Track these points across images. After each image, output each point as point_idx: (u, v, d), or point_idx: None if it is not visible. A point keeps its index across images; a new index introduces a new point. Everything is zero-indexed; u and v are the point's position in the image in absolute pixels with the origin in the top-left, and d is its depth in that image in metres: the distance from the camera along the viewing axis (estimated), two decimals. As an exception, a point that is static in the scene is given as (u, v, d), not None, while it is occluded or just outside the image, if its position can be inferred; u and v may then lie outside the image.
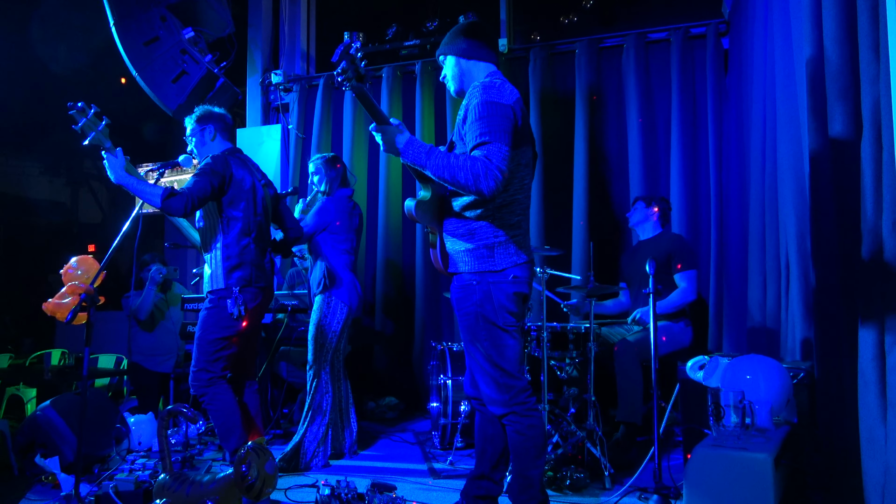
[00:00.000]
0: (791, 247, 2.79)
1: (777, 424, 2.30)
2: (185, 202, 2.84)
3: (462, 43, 2.39)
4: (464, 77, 2.42)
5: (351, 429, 3.76)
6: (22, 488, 3.25)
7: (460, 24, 2.46)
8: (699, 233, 4.64)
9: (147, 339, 4.59)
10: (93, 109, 2.86)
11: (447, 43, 2.43)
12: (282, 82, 5.91)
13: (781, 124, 2.97)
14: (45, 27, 6.28)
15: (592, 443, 3.22)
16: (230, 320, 2.96)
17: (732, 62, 4.51)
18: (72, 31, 6.26)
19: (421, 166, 2.24)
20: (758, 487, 1.94)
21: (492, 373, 2.28)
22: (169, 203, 2.81)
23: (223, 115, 3.24)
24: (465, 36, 2.39)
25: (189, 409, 2.41)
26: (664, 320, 3.70)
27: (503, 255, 2.28)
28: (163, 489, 2.34)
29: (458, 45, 2.40)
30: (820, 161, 2.38)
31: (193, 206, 2.87)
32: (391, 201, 5.42)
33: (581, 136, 4.84)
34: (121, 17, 4.36)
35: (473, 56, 2.38)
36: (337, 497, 2.66)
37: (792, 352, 2.85)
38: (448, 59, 2.44)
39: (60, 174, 10.15)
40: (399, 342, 5.38)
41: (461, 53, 2.39)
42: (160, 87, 4.43)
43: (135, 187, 2.86)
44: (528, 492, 2.28)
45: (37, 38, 6.22)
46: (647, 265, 2.83)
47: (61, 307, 2.78)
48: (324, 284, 3.57)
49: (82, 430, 2.71)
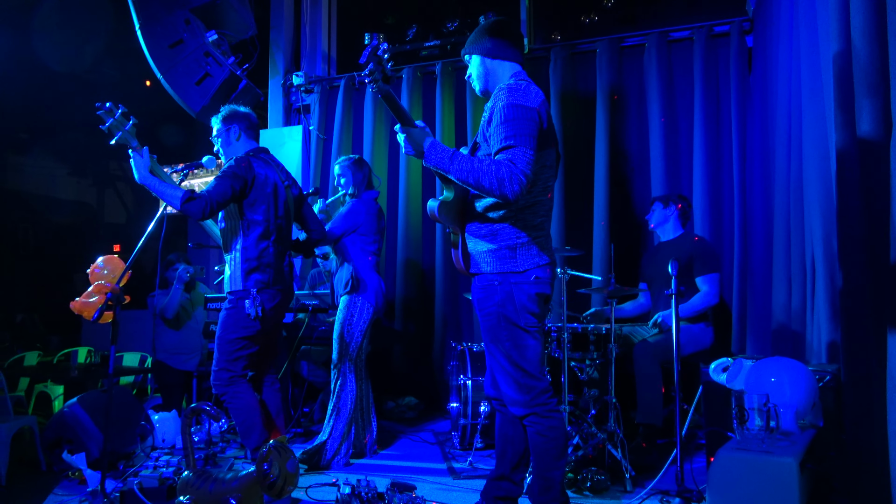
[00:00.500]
0: (817, 248, 2.74)
1: (802, 428, 2.27)
2: (204, 206, 2.86)
3: (487, 42, 2.38)
4: (489, 76, 2.41)
5: (371, 428, 3.78)
6: (50, 483, 3.31)
7: (486, 21, 2.43)
8: (722, 233, 4.58)
9: (172, 338, 4.66)
10: (120, 109, 2.92)
11: (472, 42, 2.43)
12: (303, 84, 5.95)
13: (807, 123, 2.93)
14: (72, 30, 6.39)
15: (613, 445, 3.20)
16: (249, 321, 2.99)
17: (757, 61, 4.45)
18: (98, 34, 6.37)
19: (444, 170, 2.23)
20: (783, 492, 1.91)
21: (513, 373, 2.28)
22: (188, 206, 2.84)
23: (248, 114, 3.26)
24: (491, 35, 2.38)
25: (212, 407, 2.44)
26: (683, 323, 3.66)
27: (525, 256, 2.28)
28: (186, 486, 2.37)
29: (483, 44, 2.39)
30: (847, 160, 2.33)
31: (212, 209, 2.89)
32: (411, 202, 5.43)
33: (602, 136, 4.81)
34: (146, 21, 4.43)
35: (499, 56, 2.38)
36: (357, 496, 2.67)
37: (817, 354, 2.80)
38: (473, 58, 2.44)
39: (87, 175, 10.34)
40: (419, 342, 5.39)
41: (486, 53, 2.39)
42: (184, 89, 4.49)
43: (156, 188, 2.89)
44: (548, 493, 2.28)
45: (62, 39, 6.33)
46: (670, 266, 2.81)
47: (88, 306, 2.83)
48: (351, 285, 3.60)
49: (108, 427, 2.76)
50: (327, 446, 3.53)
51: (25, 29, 6.01)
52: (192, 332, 4.73)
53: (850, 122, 2.29)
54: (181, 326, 4.67)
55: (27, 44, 6.11)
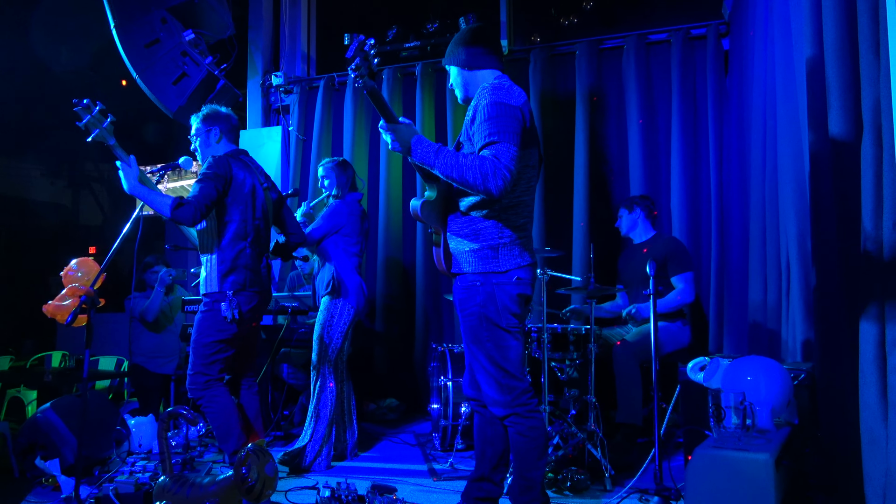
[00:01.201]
0: (791, 247, 2.78)
1: (778, 426, 2.30)
2: (194, 212, 2.85)
3: (462, 53, 2.40)
4: (468, 86, 2.43)
5: (352, 430, 3.77)
6: (22, 490, 3.25)
7: (462, 31, 2.44)
8: (700, 233, 4.64)
9: (150, 341, 4.58)
10: (98, 107, 2.88)
11: (450, 53, 2.45)
12: (282, 84, 5.91)
13: (781, 125, 2.97)
14: (45, 29, 6.29)
15: (593, 444, 3.22)
16: (225, 323, 2.96)
17: (733, 63, 4.51)
18: (72, 32, 6.27)
19: (429, 165, 2.23)
20: (759, 489, 1.93)
21: (494, 374, 2.28)
22: (178, 213, 2.83)
23: (230, 115, 3.23)
24: (467, 45, 2.39)
25: (189, 412, 2.41)
26: (661, 320, 3.70)
27: (508, 257, 2.29)
28: (163, 491, 2.34)
29: (459, 55, 2.41)
30: (820, 161, 2.37)
31: (202, 214, 2.88)
32: (392, 201, 5.42)
33: (581, 137, 4.84)
34: (122, 20, 4.37)
35: (476, 66, 2.39)
36: (337, 499, 2.66)
37: (793, 353, 2.84)
38: (452, 68, 2.46)
39: (61, 176, 10.16)
40: (400, 343, 5.38)
41: (463, 64, 2.41)
42: (161, 89, 4.44)
43: (146, 197, 2.88)
44: (529, 493, 2.28)
45: (37, 39, 6.22)
46: (648, 266, 2.83)
47: (61, 309, 2.78)
48: (332, 287, 3.58)
49: (83, 432, 2.71)
50: (308, 449, 3.50)
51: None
52: (171, 335, 4.67)
53: (822, 125, 2.33)
54: (161, 330, 4.61)
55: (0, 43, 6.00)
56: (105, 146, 2.90)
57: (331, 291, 3.59)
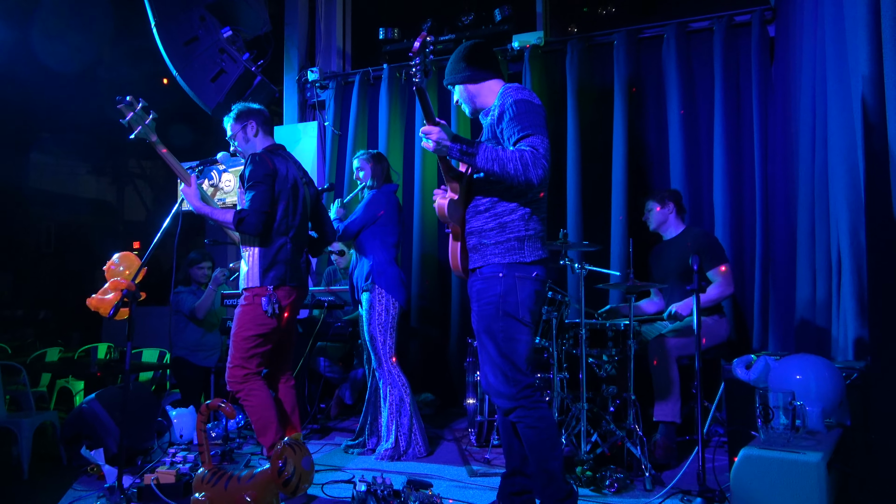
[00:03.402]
0: (843, 241, 2.67)
1: (829, 427, 2.21)
2: (256, 222, 2.92)
3: (466, 71, 2.46)
4: (477, 98, 2.49)
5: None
6: (69, 478, 3.34)
7: (461, 50, 2.49)
8: (743, 227, 4.49)
9: (194, 335, 4.67)
10: (140, 103, 2.93)
11: (451, 72, 2.51)
12: (318, 80, 5.94)
13: (832, 112, 2.85)
14: (88, 30, 6.44)
15: (632, 442, 3.15)
16: (265, 318, 2.98)
17: (779, 51, 4.35)
18: (115, 33, 6.41)
19: (470, 163, 2.28)
20: (809, 492, 1.86)
21: (502, 366, 2.30)
22: (242, 228, 2.92)
23: (262, 109, 3.25)
24: (468, 63, 2.45)
25: (227, 404, 2.43)
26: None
27: (532, 249, 2.34)
28: (201, 483, 2.37)
29: (462, 73, 2.46)
30: (876, 152, 2.26)
31: (261, 220, 2.94)
32: (426, 197, 5.40)
33: (620, 129, 4.74)
34: (162, 18, 4.44)
35: (479, 80, 2.46)
36: (373, 494, 2.65)
37: (844, 351, 2.73)
38: (456, 87, 2.52)
39: (106, 173, 10.46)
40: (435, 338, 5.37)
41: (467, 81, 2.47)
42: (199, 86, 4.50)
43: (213, 215, 3.00)
44: (551, 486, 2.27)
45: (78, 40, 6.38)
46: (691, 260, 2.76)
47: (104, 303, 2.84)
48: (372, 279, 3.57)
49: (125, 423, 2.77)
50: (401, 442, 3.54)
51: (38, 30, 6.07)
52: (214, 328, 4.75)
53: (878, 111, 2.22)
54: (208, 326, 4.71)
55: (42, 44, 6.17)
56: (147, 143, 2.95)
57: (371, 284, 3.58)
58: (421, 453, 3.57)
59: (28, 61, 6.14)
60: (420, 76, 2.20)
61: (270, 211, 2.97)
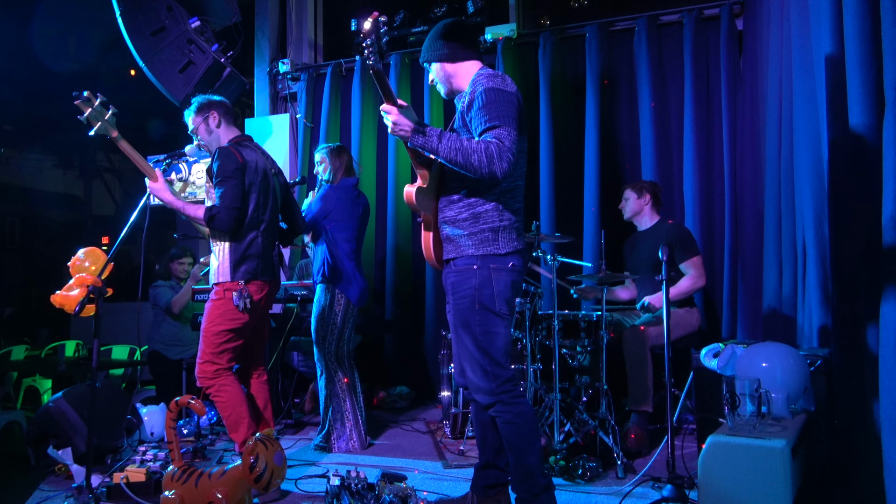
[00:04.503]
0: (808, 231, 2.72)
1: (794, 413, 2.25)
2: (228, 219, 2.87)
3: (444, 48, 2.38)
4: (453, 79, 2.41)
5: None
6: (37, 479, 3.27)
7: (440, 26, 2.42)
8: (713, 219, 4.56)
9: (171, 329, 4.66)
10: (99, 98, 2.84)
11: (428, 49, 2.42)
12: (289, 71, 5.86)
13: (798, 104, 2.90)
14: (55, 22, 6.28)
15: (605, 431, 3.19)
16: (236, 312, 2.94)
17: (747, 44, 4.40)
18: (84, 25, 6.27)
19: (431, 149, 2.22)
20: (774, 477, 1.90)
21: (480, 360, 2.27)
22: (214, 225, 2.87)
23: (223, 100, 3.19)
24: (447, 40, 2.38)
25: (196, 400, 2.40)
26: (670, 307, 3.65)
27: (506, 240, 2.29)
28: (171, 481, 2.34)
29: (440, 50, 2.39)
30: (838, 141, 2.31)
31: (236, 216, 2.90)
32: (400, 189, 5.38)
33: (592, 121, 4.77)
34: (128, 7, 4.35)
35: (458, 59, 2.38)
36: (346, 488, 2.64)
37: (809, 339, 2.79)
38: (433, 65, 2.43)
39: (73, 167, 10.23)
40: (409, 331, 5.36)
41: (445, 59, 2.39)
42: (167, 77, 4.43)
43: (185, 209, 2.95)
44: (528, 480, 2.26)
45: (46, 32, 6.23)
46: (660, 251, 2.79)
47: (69, 299, 2.77)
48: (322, 273, 3.55)
49: (93, 421, 2.72)
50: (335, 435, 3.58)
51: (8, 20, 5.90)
52: (188, 323, 4.71)
53: (841, 103, 2.26)
54: (183, 320, 4.68)
55: (11, 35, 6.01)
56: (108, 139, 2.87)
57: (322, 279, 3.56)
58: (354, 448, 3.58)
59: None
60: (374, 58, 2.12)
61: (242, 206, 2.93)
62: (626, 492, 2.80)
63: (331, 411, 3.60)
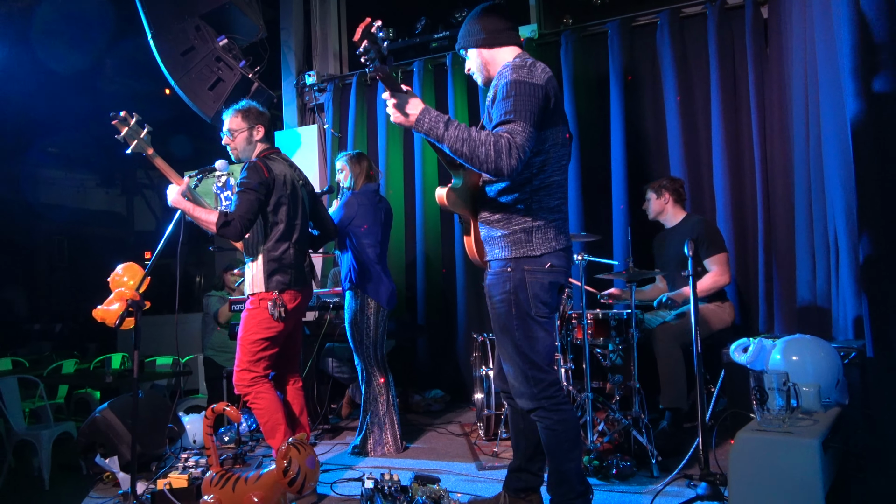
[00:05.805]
0: (839, 221, 2.67)
1: (827, 406, 2.21)
2: (240, 228, 2.91)
3: (480, 33, 2.27)
4: (490, 66, 2.31)
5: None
6: (87, 487, 3.42)
7: (477, 11, 2.32)
8: (745, 212, 4.46)
9: (220, 337, 4.89)
10: (134, 118, 2.96)
11: (465, 34, 2.32)
12: (316, 83, 5.98)
13: (824, 91, 2.84)
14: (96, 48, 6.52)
15: (639, 430, 3.16)
16: (271, 322, 3.02)
17: (773, 32, 4.31)
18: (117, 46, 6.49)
19: (437, 137, 2.08)
20: (805, 472, 1.87)
21: (521, 365, 2.22)
22: (224, 232, 2.92)
23: (267, 114, 3.26)
24: (484, 24, 2.27)
25: (231, 407, 2.47)
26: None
27: (542, 240, 2.19)
28: (209, 486, 2.42)
29: (477, 35, 2.28)
30: (861, 127, 2.26)
31: (246, 227, 2.94)
32: (428, 194, 5.42)
33: (617, 118, 4.73)
34: (158, 30, 4.51)
35: (495, 44, 2.27)
36: (379, 490, 2.69)
37: (844, 331, 2.73)
38: (469, 51, 2.33)
39: (115, 185, 10.59)
40: (442, 334, 5.40)
41: (482, 45, 2.28)
42: (197, 95, 4.56)
43: (193, 212, 2.96)
44: (564, 486, 2.24)
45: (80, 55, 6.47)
46: (686, 246, 2.76)
47: (110, 313, 2.89)
48: (350, 279, 3.61)
49: (136, 430, 2.82)
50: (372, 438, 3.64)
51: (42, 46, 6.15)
52: None
53: (864, 87, 2.21)
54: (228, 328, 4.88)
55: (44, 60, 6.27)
56: (144, 157, 2.98)
57: (350, 285, 3.62)
58: (390, 451, 3.63)
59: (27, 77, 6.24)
60: (374, 62, 1.96)
61: (255, 220, 2.97)
62: (660, 490, 2.78)
63: (368, 416, 3.66)
